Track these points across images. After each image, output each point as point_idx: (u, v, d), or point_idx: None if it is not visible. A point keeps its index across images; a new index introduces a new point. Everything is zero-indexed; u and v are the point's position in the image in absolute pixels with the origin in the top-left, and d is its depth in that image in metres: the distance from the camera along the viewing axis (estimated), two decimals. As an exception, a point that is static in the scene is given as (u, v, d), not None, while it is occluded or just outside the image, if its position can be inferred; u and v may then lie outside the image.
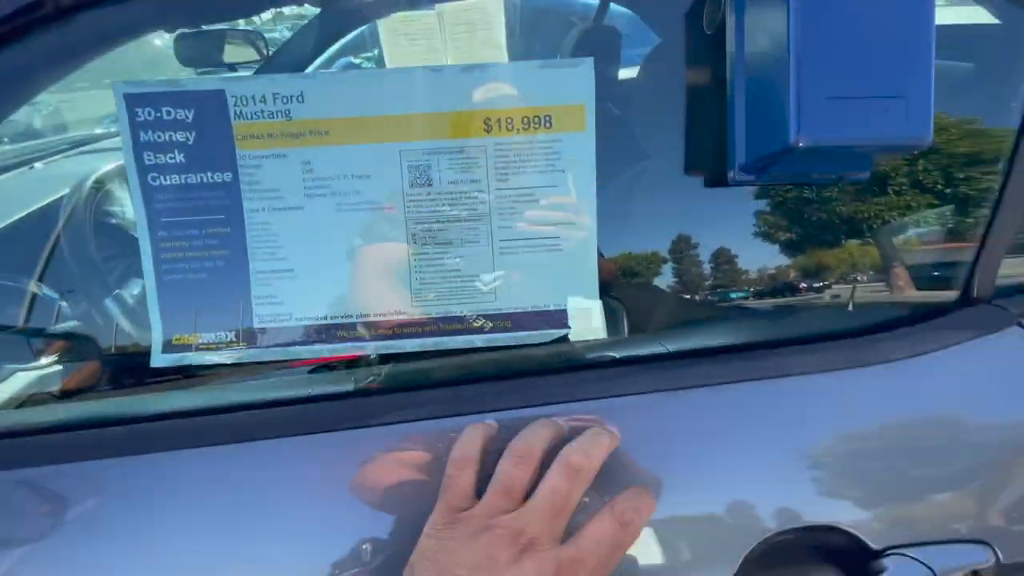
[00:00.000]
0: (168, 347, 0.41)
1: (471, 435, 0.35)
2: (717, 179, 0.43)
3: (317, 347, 0.41)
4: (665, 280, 0.49)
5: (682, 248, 0.49)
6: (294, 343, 0.41)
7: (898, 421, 0.42)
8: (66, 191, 0.76)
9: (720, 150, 0.44)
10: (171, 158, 0.39)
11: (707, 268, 0.48)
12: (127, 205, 0.87)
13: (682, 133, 0.46)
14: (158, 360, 0.41)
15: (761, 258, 0.48)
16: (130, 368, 0.61)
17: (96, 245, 0.68)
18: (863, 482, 0.40)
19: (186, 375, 0.46)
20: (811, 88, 0.31)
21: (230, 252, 0.40)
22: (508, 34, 1.13)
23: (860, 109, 0.31)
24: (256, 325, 0.41)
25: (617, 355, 0.45)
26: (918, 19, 0.31)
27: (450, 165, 0.40)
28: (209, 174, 0.40)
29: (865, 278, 0.47)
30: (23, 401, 0.60)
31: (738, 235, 0.48)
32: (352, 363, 0.44)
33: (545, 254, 0.41)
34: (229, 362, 0.41)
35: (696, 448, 0.41)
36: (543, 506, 0.31)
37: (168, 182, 0.40)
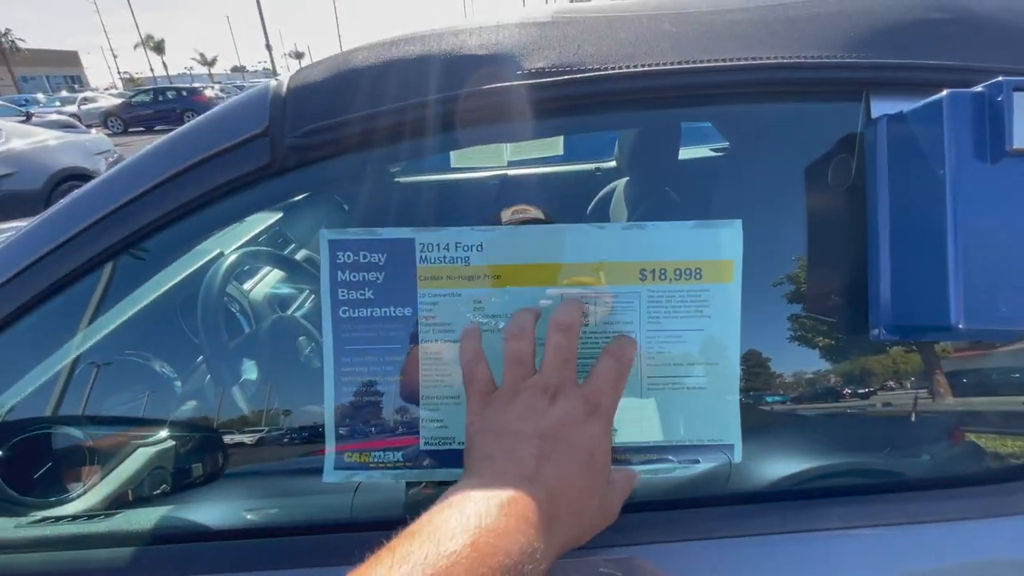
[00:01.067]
0: (340, 463, 0.45)
1: (469, 340, 0.42)
2: (850, 328, 0.46)
3: (475, 470, 0.44)
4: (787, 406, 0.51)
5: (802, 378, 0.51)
6: (457, 465, 0.44)
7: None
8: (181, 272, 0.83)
9: (837, 295, 0.48)
10: (361, 294, 0.44)
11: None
12: (247, 291, 0.94)
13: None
14: (331, 476, 0.45)
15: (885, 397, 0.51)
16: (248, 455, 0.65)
17: (228, 335, 0.73)
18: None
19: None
20: (972, 276, 0.35)
21: (404, 378, 0.44)
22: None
23: (1017, 297, 0.34)
24: (423, 447, 0.44)
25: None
26: (1063, 216, 0.35)
27: (606, 307, 0.44)
28: (392, 309, 0.44)
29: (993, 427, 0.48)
30: (145, 477, 0.64)
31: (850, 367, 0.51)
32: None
33: (690, 392, 0.44)
34: (395, 481, 0.45)
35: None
36: (553, 360, 0.38)
37: (356, 315, 0.44)
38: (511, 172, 1.65)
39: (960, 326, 0.35)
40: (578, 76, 0.42)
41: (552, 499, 0.32)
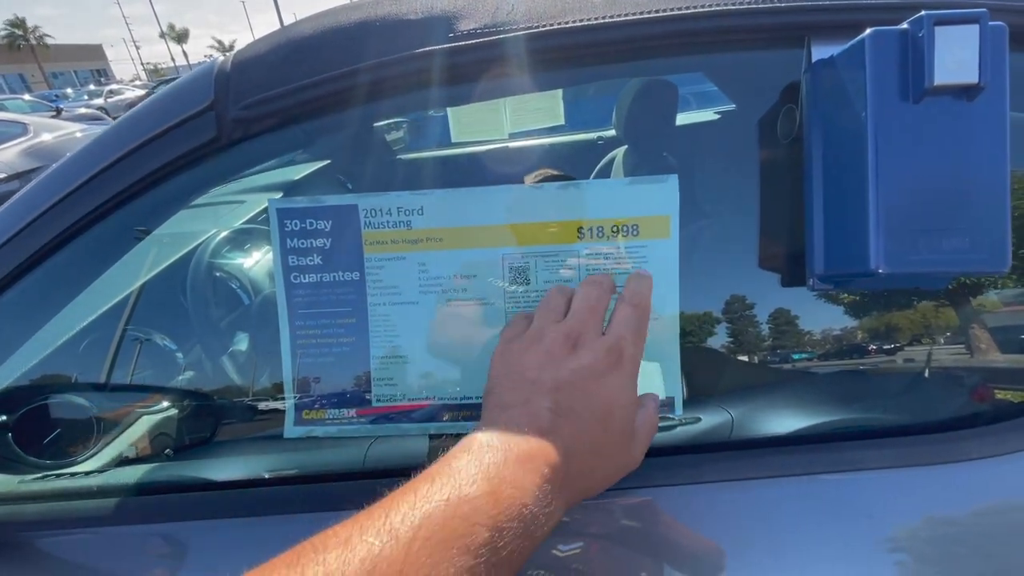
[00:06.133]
0: (299, 421, 0.47)
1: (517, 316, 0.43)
2: (792, 278, 0.46)
3: (425, 425, 0.47)
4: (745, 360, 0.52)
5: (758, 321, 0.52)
6: (406, 421, 0.47)
7: (974, 520, 0.43)
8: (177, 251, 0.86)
9: (787, 247, 0.48)
10: (310, 260, 0.46)
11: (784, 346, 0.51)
12: (235, 265, 0.98)
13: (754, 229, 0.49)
14: (290, 432, 0.48)
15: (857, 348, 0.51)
16: (240, 421, 0.69)
17: (216, 308, 0.77)
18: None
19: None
20: (892, 220, 0.34)
21: (355, 339, 0.47)
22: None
23: (939, 240, 0.34)
24: (374, 404, 0.47)
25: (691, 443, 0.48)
26: (992, 156, 0.34)
27: (546, 267, 0.45)
28: (340, 274, 0.46)
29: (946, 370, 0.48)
30: (150, 441, 0.69)
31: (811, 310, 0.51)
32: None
33: (631, 346, 0.45)
34: (350, 436, 0.47)
35: (773, 539, 0.43)
36: (580, 307, 0.39)
37: (306, 280, 0.47)
38: (511, 144, 1.64)
39: (880, 271, 0.35)
40: (507, 35, 0.42)
41: (567, 456, 0.32)
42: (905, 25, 0.34)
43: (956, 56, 0.32)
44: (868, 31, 0.35)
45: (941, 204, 0.34)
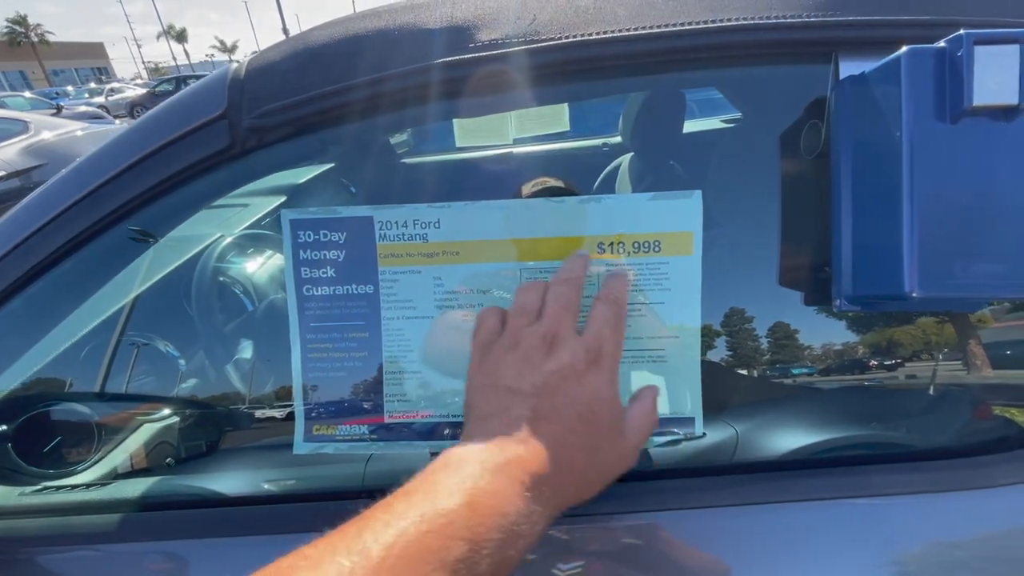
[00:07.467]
0: (309, 436, 0.46)
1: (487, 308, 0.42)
2: (816, 298, 0.45)
3: (437, 442, 0.46)
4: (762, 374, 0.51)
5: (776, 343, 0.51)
6: (418, 438, 0.45)
7: (996, 543, 0.42)
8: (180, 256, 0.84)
9: (808, 265, 0.47)
10: (323, 273, 0.45)
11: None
12: (240, 270, 0.97)
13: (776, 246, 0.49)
14: (300, 448, 0.46)
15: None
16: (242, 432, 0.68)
17: (220, 314, 0.76)
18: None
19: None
20: (926, 242, 0.33)
21: (367, 354, 0.46)
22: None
23: (975, 264, 0.33)
24: (386, 420, 0.46)
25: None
26: (1030, 179, 0.33)
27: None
28: (354, 287, 0.45)
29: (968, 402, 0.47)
30: (150, 450, 0.67)
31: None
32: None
33: (651, 365, 0.44)
34: (361, 452, 0.46)
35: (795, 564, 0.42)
36: (553, 307, 0.37)
37: (319, 293, 0.46)
38: (516, 149, 1.64)
39: (914, 294, 0.34)
40: (528, 47, 0.41)
41: (548, 461, 0.32)
42: (942, 43, 0.33)
43: (996, 76, 0.31)
44: (904, 49, 0.34)
45: (977, 227, 0.33)
